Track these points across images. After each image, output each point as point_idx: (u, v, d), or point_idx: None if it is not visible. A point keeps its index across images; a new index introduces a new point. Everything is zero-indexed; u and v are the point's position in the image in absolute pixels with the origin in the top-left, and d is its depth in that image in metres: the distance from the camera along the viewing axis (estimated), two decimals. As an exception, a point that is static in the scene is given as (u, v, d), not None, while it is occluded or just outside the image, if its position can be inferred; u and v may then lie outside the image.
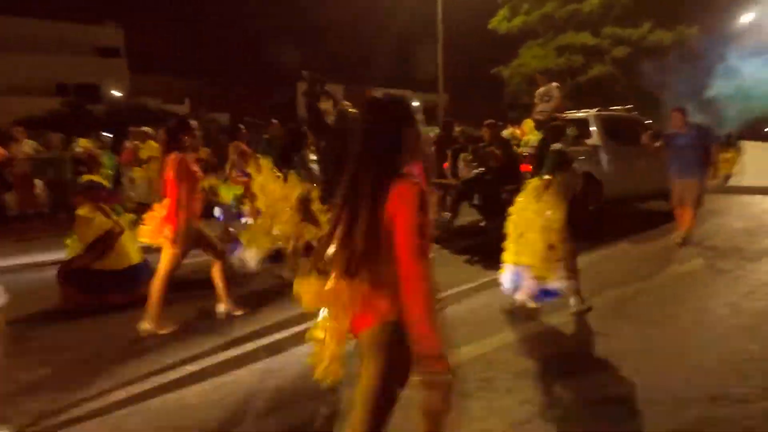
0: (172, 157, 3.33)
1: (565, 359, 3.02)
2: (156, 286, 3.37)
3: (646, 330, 3.34)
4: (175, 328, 3.48)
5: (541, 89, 7.19)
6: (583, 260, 3.92)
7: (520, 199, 3.68)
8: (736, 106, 12.38)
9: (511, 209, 3.69)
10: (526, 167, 5.13)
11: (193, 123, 3.63)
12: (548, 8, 19.32)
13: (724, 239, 6.02)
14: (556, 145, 3.68)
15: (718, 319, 3.49)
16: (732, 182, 9.99)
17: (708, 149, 5.59)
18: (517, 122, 7.47)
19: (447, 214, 6.75)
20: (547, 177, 3.53)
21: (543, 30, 20.01)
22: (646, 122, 7.57)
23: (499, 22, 20.55)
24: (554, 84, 7.19)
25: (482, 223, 6.58)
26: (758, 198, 8.88)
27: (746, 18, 17.18)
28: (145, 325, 3.39)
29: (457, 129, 8.06)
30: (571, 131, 7.01)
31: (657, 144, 6.01)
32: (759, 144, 11.00)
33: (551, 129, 3.88)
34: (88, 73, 25.64)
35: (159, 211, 3.44)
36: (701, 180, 5.55)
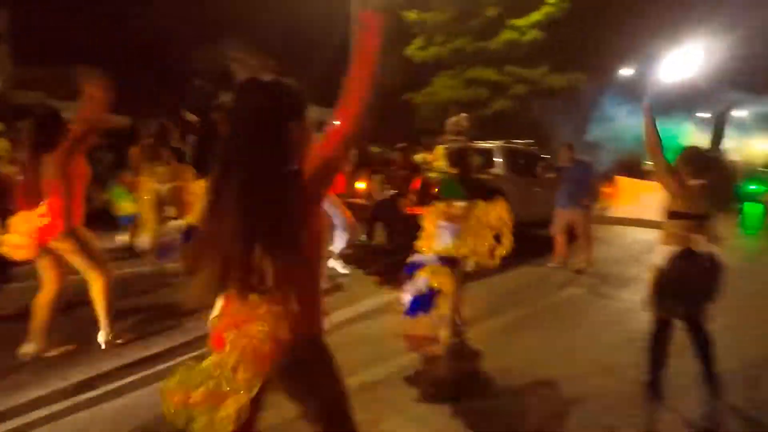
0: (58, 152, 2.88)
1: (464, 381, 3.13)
2: (43, 303, 2.98)
3: (529, 349, 3.69)
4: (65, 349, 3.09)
5: (453, 119, 7.59)
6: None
7: (426, 224, 3.63)
8: (611, 146, 14.35)
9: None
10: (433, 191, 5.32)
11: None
12: (460, 42, 20.71)
13: (600, 267, 6.51)
14: (455, 170, 3.73)
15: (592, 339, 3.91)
16: (608, 213, 11.45)
17: (591, 183, 6.32)
18: (429, 148, 7.81)
19: (363, 237, 6.86)
20: (458, 203, 3.52)
21: (454, 62, 21.31)
22: (543, 156, 8.35)
23: (415, 51, 21.59)
24: (463, 114, 7.67)
25: (389, 245, 6.71)
26: (629, 229, 10.21)
27: (626, 72, 20.46)
28: (28, 348, 2.98)
29: (374, 150, 8.21)
30: (477, 160, 7.55)
31: (550, 176, 6.69)
32: (630, 180, 12.79)
33: (453, 154, 3.90)
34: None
35: (31, 219, 2.89)
36: (586, 210, 6.20)
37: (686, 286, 2.54)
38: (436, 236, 3.46)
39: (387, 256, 6.42)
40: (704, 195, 2.61)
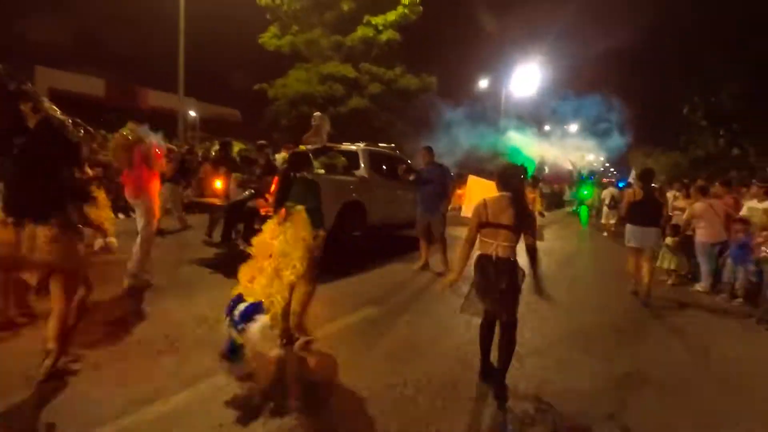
0: None
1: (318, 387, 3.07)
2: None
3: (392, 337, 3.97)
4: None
5: (315, 120, 7.46)
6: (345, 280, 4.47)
7: (266, 228, 3.36)
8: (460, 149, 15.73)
9: (255, 239, 3.31)
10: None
11: None
12: (314, 34, 20.39)
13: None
14: (304, 174, 3.56)
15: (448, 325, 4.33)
16: (461, 214, 12.55)
17: (447, 186, 6.69)
18: (288, 147, 7.50)
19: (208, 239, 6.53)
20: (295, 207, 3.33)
21: (309, 55, 20.96)
22: (405, 160, 8.65)
23: (269, 39, 20.69)
24: (319, 114, 7.66)
25: (241, 247, 6.24)
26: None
27: (482, 83, 22.43)
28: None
29: (239, 148, 7.63)
30: (341, 162, 7.51)
31: (411, 178, 6.93)
32: (479, 180, 14.17)
33: (295, 157, 3.70)
34: None
35: None
36: (441, 213, 6.49)
37: (489, 288, 2.84)
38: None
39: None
40: (507, 206, 2.89)
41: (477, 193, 12.83)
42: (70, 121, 2.86)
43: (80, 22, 17.75)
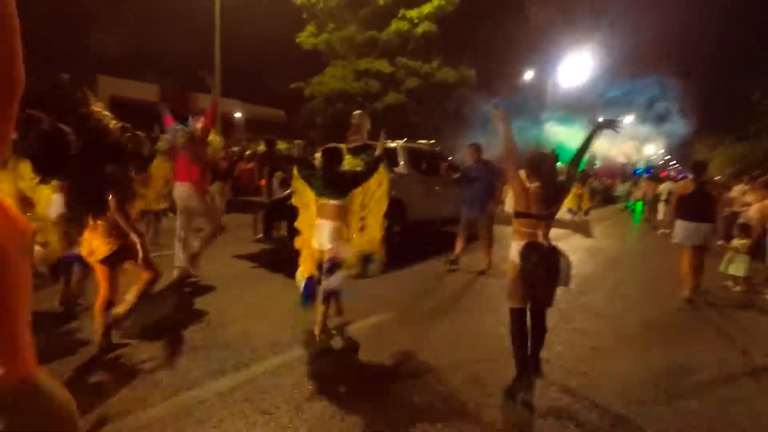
0: None
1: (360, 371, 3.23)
2: None
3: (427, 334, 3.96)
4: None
5: (354, 119, 7.57)
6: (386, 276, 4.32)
7: (304, 218, 3.83)
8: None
9: (299, 225, 3.84)
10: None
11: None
12: (350, 31, 20.40)
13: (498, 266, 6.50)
14: (342, 168, 3.80)
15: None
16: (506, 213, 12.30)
17: (495, 184, 6.56)
18: (317, 143, 7.76)
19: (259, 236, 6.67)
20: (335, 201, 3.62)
21: (345, 52, 20.95)
22: (446, 157, 8.64)
23: (306, 38, 20.90)
24: (361, 112, 7.73)
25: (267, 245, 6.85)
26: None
27: (527, 74, 21.63)
28: None
29: (282, 147, 7.91)
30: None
31: (455, 176, 6.84)
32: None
33: (328, 151, 3.87)
34: None
35: None
36: (489, 211, 6.28)
37: (533, 276, 2.86)
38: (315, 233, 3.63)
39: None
40: (540, 196, 2.92)
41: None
42: (120, 125, 3.10)
43: (132, 31, 18.92)
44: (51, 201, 3.43)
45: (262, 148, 8.59)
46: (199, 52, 14.71)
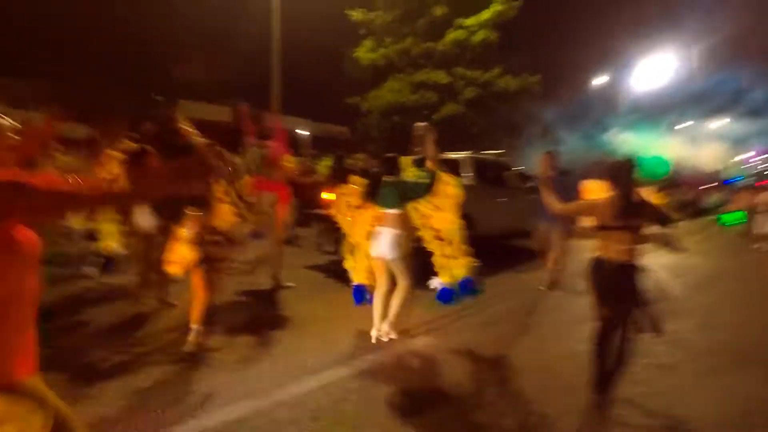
0: None
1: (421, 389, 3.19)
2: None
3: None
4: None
5: (418, 131, 7.60)
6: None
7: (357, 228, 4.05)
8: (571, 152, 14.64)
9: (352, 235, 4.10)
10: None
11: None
12: (406, 44, 20.34)
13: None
14: (390, 178, 3.91)
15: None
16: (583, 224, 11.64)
17: (574, 194, 6.11)
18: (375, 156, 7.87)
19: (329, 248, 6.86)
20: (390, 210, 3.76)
21: (402, 65, 20.90)
22: (515, 167, 8.43)
23: (364, 53, 21.01)
24: (425, 124, 7.74)
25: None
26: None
27: (599, 80, 20.44)
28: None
29: (351, 160, 8.15)
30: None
31: (529, 185, 6.52)
32: (595, 183, 13.09)
33: (385, 161, 4.08)
34: None
35: None
36: (567, 223, 5.84)
37: (613, 290, 2.80)
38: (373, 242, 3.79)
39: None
40: (616, 207, 2.82)
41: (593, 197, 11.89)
42: (207, 143, 3.48)
43: (200, 56, 20.44)
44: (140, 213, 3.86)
45: (328, 163, 8.88)
46: (263, 72, 15.41)
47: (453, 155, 7.62)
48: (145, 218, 4.14)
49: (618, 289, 2.76)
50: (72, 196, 1.15)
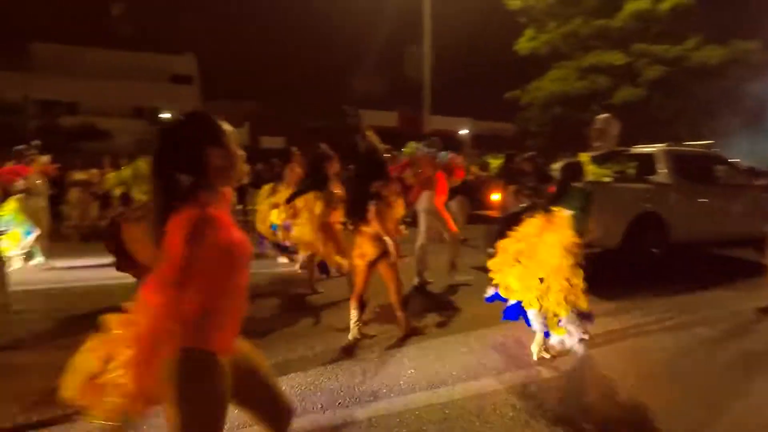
0: None
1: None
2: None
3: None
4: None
5: (598, 123, 6.95)
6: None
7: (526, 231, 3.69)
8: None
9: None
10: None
11: None
12: (572, 26, 18.43)
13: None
14: (578, 184, 3.75)
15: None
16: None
17: None
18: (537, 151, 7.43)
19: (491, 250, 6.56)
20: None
21: (568, 50, 19.07)
22: (730, 160, 7.14)
23: (526, 42, 19.70)
24: (607, 116, 7.18)
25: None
26: None
27: None
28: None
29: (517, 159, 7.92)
30: (630, 167, 6.47)
31: (760, 182, 5.46)
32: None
33: (570, 166, 3.89)
34: (162, 98, 27.72)
35: None
36: None
37: None
38: None
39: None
40: None
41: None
42: (386, 147, 3.70)
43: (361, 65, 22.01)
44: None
45: (496, 162, 8.73)
46: (418, 75, 15.65)
47: (645, 149, 6.69)
48: None
49: None
50: None
